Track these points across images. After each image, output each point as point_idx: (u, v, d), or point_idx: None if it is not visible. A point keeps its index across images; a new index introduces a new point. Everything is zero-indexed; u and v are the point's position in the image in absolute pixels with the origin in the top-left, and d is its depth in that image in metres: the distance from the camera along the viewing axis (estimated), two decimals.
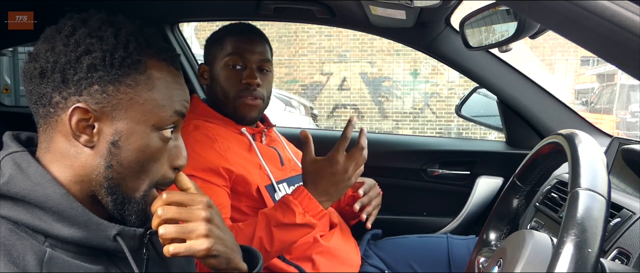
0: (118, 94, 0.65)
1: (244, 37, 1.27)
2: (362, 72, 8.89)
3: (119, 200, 0.67)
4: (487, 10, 1.20)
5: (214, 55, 1.28)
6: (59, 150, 0.65)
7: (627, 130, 7.41)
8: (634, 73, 0.58)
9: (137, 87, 0.65)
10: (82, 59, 0.63)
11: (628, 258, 0.86)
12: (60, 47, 0.64)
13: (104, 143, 0.65)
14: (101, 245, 0.65)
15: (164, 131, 0.68)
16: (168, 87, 0.68)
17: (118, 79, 0.64)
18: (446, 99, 8.64)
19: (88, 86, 0.63)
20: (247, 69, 1.25)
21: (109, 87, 0.64)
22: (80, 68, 0.63)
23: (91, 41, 0.63)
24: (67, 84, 0.63)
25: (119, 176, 0.66)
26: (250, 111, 1.27)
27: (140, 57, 0.66)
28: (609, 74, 8.59)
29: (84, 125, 0.64)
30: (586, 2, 0.54)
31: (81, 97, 0.63)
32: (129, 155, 0.66)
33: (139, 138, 0.66)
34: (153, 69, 0.67)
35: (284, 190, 1.26)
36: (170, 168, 0.71)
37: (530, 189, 0.89)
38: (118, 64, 0.64)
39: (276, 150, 1.33)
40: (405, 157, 1.84)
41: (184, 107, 0.71)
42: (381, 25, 1.55)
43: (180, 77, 0.72)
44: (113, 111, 0.65)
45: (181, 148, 0.73)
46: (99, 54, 0.63)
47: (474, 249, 0.93)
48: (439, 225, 1.79)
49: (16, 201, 0.62)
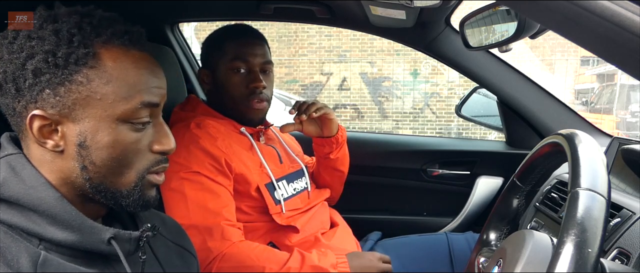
0: (71, 94, 0.61)
1: (245, 41, 1.27)
2: (362, 72, 8.89)
3: (109, 196, 0.66)
4: (487, 10, 1.20)
5: (215, 59, 1.28)
6: (36, 156, 0.64)
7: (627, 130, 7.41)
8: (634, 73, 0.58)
9: (90, 83, 0.61)
10: (27, 65, 0.60)
11: (628, 258, 0.86)
12: (5, 55, 0.61)
13: (71, 146, 0.63)
14: (95, 248, 0.63)
15: (135, 122, 0.64)
16: (128, 76, 0.63)
17: (67, 78, 0.60)
18: (446, 99, 8.64)
19: (40, 91, 0.61)
20: (251, 73, 1.25)
21: (60, 88, 0.61)
22: (27, 74, 0.60)
23: (31, 44, 0.60)
24: (21, 92, 0.61)
25: (98, 175, 0.64)
26: (258, 114, 1.29)
27: (88, 49, 0.61)
28: (609, 74, 8.59)
29: (47, 130, 0.62)
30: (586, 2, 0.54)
31: (37, 104, 0.61)
32: (100, 154, 0.63)
33: (105, 135, 0.63)
34: (107, 59, 0.62)
35: (283, 188, 1.26)
36: (154, 154, 0.67)
37: (530, 189, 0.89)
38: (63, 63, 0.60)
39: (274, 148, 1.34)
40: (405, 157, 1.84)
41: (155, 96, 0.65)
42: (381, 25, 1.55)
43: (146, 60, 0.66)
44: (71, 112, 0.62)
45: (164, 132, 0.68)
46: (41, 56, 0.60)
47: (474, 249, 0.93)
48: (439, 225, 1.79)
49: (10, 204, 0.61)
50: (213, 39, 1.31)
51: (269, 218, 1.22)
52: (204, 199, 1.12)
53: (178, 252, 0.82)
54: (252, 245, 1.14)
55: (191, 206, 1.12)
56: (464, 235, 1.51)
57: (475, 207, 1.76)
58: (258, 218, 1.23)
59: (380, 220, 1.81)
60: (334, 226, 1.37)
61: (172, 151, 0.68)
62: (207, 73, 1.31)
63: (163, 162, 0.69)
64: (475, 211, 1.77)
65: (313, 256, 1.15)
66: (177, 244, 0.82)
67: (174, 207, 1.13)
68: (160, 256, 0.76)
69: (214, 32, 1.33)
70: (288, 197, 1.27)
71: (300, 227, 1.25)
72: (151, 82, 0.65)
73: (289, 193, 1.28)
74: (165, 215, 0.87)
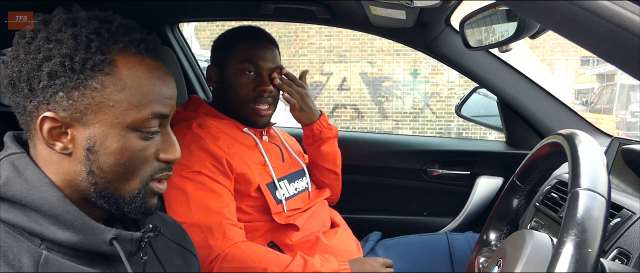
0: (84, 99, 0.61)
1: (257, 43, 1.27)
2: (362, 72, 8.89)
3: (112, 202, 0.66)
4: (487, 10, 1.20)
5: (225, 58, 1.28)
6: (43, 157, 0.64)
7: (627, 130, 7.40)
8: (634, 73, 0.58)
9: (105, 90, 0.62)
10: (43, 67, 0.60)
11: (628, 258, 0.86)
12: (22, 55, 0.61)
13: (80, 149, 0.63)
14: (97, 249, 0.63)
15: (144, 130, 0.65)
16: (142, 85, 0.64)
17: (82, 83, 0.61)
18: (446, 99, 8.64)
19: (53, 94, 0.61)
20: (260, 76, 1.25)
21: (74, 93, 0.61)
22: (42, 76, 0.60)
23: (49, 46, 0.61)
24: (34, 92, 0.61)
25: (103, 180, 0.64)
26: (262, 117, 1.29)
27: (105, 55, 0.62)
28: (609, 74, 8.58)
29: (57, 132, 0.62)
30: (586, 2, 0.54)
31: (49, 105, 0.61)
32: (108, 160, 0.63)
33: (114, 142, 0.63)
34: (122, 66, 0.63)
35: (284, 187, 1.27)
36: (160, 162, 0.67)
37: (530, 189, 0.89)
38: (79, 68, 0.60)
39: (278, 146, 1.34)
40: (405, 157, 1.84)
41: (166, 107, 0.66)
42: (381, 25, 1.55)
43: (160, 70, 0.66)
44: (83, 117, 0.62)
45: (171, 142, 0.68)
46: (58, 60, 0.60)
47: (474, 249, 0.93)
48: (439, 225, 1.79)
49: (13, 204, 0.61)
50: (225, 38, 1.31)
51: (269, 217, 1.22)
52: (205, 198, 1.12)
53: (179, 252, 0.82)
54: (254, 246, 1.14)
55: (193, 205, 1.12)
56: (464, 235, 1.51)
57: (475, 207, 1.76)
58: (258, 218, 1.23)
59: (380, 220, 1.81)
60: (335, 226, 1.37)
61: (177, 160, 0.69)
62: (215, 71, 1.30)
63: (167, 170, 0.69)
64: (475, 211, 1.77)
65: (315, 261, 1.15)
66: (179, 244, 0.82)
67: (176, 206, 1.13)
68: (161, 256, 0.76)
69: (227, 31, 1.33)
70: (289, 196, 1.27)
71: (301, 225, 1.25)
72: (163, 92, 0.66)
73: (291, 193, 1.28)
74: (166, 215, 0.87)
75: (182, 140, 1.16)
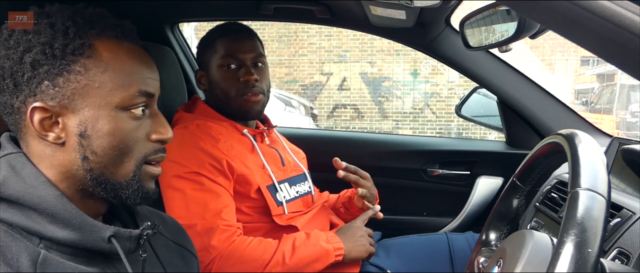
0: (69, 83, 0.63)
1: (234, 37, 1.28)
2: (362, 72, 8.89)
3: (109, 188, 0.66)
4: (487, 10, 1.20)
5: (208, 59, 1.29)
6: (37, 153, 0.65)
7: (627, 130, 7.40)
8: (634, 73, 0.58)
9: (88, 72, 0.63)
10: (25, 58, 0.61)
11: (628, 258, 0.86)
12: (2, 51, 0.62)
13: (72, 136, 0.64)
14: (96, 246, 0.64)
15: (133, 110, 0.66)
16: (124, 65, 0.65)
17: (65, 68, 0.62)
18: (446, 99, 8.64)
19: (39, 84, 0.62)
20: (243, 67, 1.26)
21: (59, 79, 0.62)
22: (25, 68, 0.62)
23: (28, 37, 0.62)
24: (20, 87, 0.62)
25: (99, 166, 0.65)
26: (253, 107, 1.28)
27: (83, 40, 0.63)
28: (609, 74, 8.58)
29: (48, 123, 0.63)
30: (586, 2, 0.54)
31: (36, 97, 0.62)
32: (101, 142, 0.64)
33: (106, 123, 0.64)
34: (102, 49, 0.64)
35: (285, 190, 1.26)
36: (152, 143, 0.68)
37: (530, 189, 0.89)
38: (60, 53, 0.62)
39: (277, 150, 1.34)
40: (405, 157, 1.84)
41: (150, 86, 0.67)
42: (381, 25, 1.55)
43: (138, 52, 0.68)
44: (71, 102, 0.63)
45: (161, 122, 0.69)
46: (38, 49, 0.61)
47: (474, 249, 0.93)
48: (439, 225, 1.79)
49: (11, 203, 0.61)
50: (205, 40, 1.32)
51: (269, 219, 1.22)
52: (204, 199, 1.12)
53: (179, 251, 0.82)
54: (245, 240, 1.14)
55: (191, 206, 1.12)
56: (464, 235, 1.51)
57: (475, 207, 1.76)
58: (258, 219, 1.23)
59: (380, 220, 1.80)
60: (334, 227, 1.37)
61: (169, 140, 0.70)
62: (202, 73, 1.32)
63: (161, 151, 0.70)
64: (475, 211, 1.77)
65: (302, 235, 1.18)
66: (178, 244, 0.82)
67: (174, 207, 1.13)
68: (160, 255, 0.76)
69: (207, 33, 1.34)
70: (290, 199, 1.27)
71: (301, 227, 1.24)
72: (146, 72, 0.67)
73: (292, 195, 1.28)
74: (165, 214, 0.87)
75: (181, 141, 1.16)
